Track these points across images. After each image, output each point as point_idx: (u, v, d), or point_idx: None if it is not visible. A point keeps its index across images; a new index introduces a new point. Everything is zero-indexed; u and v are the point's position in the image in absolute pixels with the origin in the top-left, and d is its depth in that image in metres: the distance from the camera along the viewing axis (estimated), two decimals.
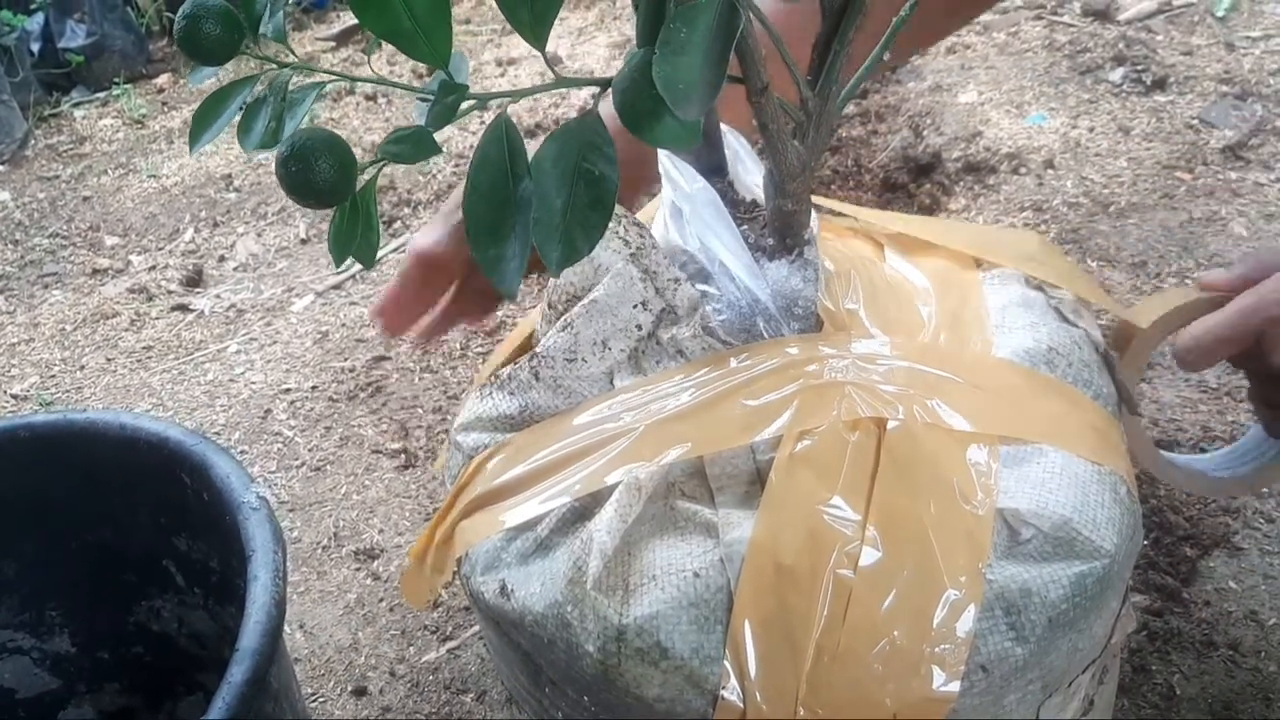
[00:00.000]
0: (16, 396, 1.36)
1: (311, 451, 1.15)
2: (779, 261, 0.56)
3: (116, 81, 2.37)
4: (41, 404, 1.33)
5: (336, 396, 1.23)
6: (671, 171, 0.58)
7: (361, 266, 0.45)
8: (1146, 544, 0.85)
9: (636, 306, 0.55)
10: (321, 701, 0.87)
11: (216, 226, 1.70)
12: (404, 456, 1.11)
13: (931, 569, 0.47)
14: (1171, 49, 1.53)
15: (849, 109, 1.54)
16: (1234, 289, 0.56)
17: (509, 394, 0.58)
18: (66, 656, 0.71)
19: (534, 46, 0.39)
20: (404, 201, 1.62)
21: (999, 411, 0.53)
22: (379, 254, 1.51)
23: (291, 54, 0.44)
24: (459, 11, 2.38)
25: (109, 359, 1.40)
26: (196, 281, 1.55)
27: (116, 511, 0.66)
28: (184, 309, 1.48)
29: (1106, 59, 1.54)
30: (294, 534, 1.04)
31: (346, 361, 1.29)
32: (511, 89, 0.48)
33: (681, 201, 0.57)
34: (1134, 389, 0.58)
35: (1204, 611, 0.80)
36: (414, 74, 2.03)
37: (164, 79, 2.43)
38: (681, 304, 0.56)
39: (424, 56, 0.39)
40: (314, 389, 1.25)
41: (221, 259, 1.60)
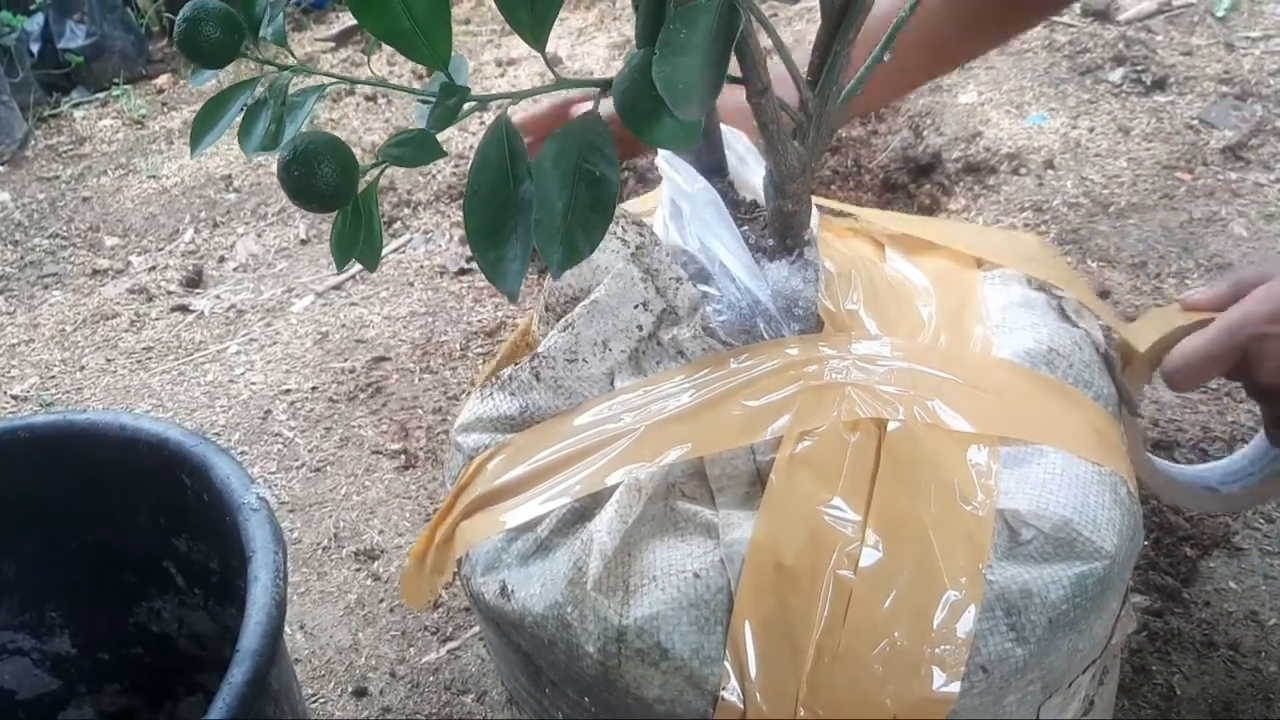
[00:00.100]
0: (16, 397, 1.36)
1: (311, 452, 1.15)
2: (779, 262, 0.56)
3: (116, 82, 2.37)
4: (41, 405, 1.33)
5: (336, 397, 1.23)
6: (672, 171, 0.58)
7: (362, 268, 0.45)
8: (1147, 544, 0.85)
9: (637, 307, 0.55)
10: (322, 702, 0.87)
11: (216, 227, 1.70)
12: (404, 457, 1.11)
13: (932, 570, 0.47)
14: (1171, 49, 1.53)
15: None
16: (1218, 307, 0.56)
17: (510, 394, 0.58)
18: (67, 657, 0.71)
19: (534, 47, 0.39)
20: (404, 202, 1.62)
21: (999, 412, 0.53)
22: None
23: (291, 56, 0.44)
24: (458, 12, 2.38)
25: (109, 360, 1.40)
26: (196, 282, 1.55)
27: (117, 512, 0.66)
28: (184, 310, 1.48)
29: (1106, 59, 1.54)
30: (294, 535, 1.04)
31: (346, 362, 1.29)
32: (511, 90, 0.48)
33: (682, 201, 0.57)
34: (1135, 411, 0.58)
35: (1204, 612, 0.80)
36: (414, 74, 2.03)
37: (164, 79, 2.43)
38: (682, 304, 0.56)
39: (423, 58, 0.39)
40: (314, 390, 1.25)
41: (221, 259, 1.60)
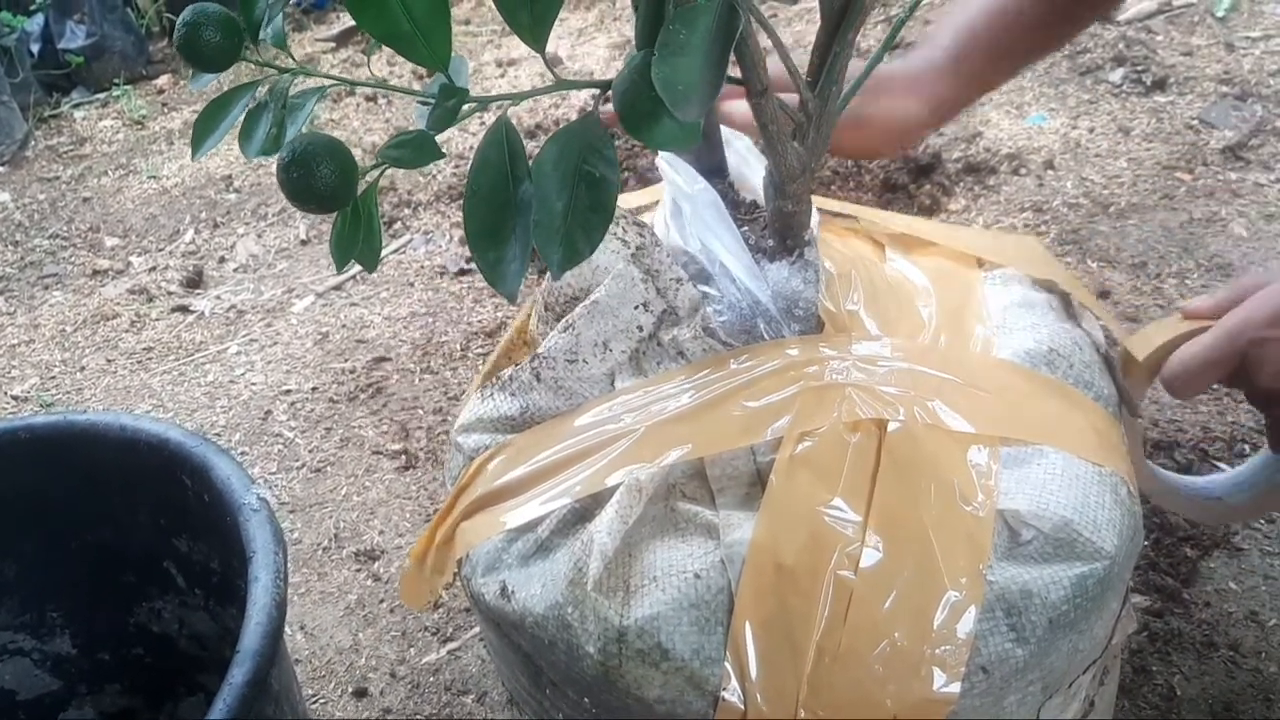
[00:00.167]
0: (17, 398, 1.36)
1: (312, 453, 1.15)
2: (779, 263, 0.56)
3: (116, 82, 2.37)
4: (42, 405, 1.33)
5: (337, 398, 1.23)
6: (672, 172, 0.58)
7: (362, 268, 0.45)
8: (1147, 545, 0.84)
9: (638, 308, 0.55)
10: (322, 703, 0.87)
11: (217, 227, 1.70)
12: (404, 458, 1.11)
13: (932, 570, 0.47)
14: (1171, 49, 1.53)
15: None
16: (1217, 315, 0.56)
17: (510, 395, 0.58)
18: (67, 658, 0.71)
19: (533, 48, 0.39)
20: (404, 202, 1.62)
21: (999, 413, 0.53)
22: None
23: (291, 59, 0.44)
24: (458, 12, 2.38)
25: (109, 360, 1.40)
26: (197, 283, 1.55)
27: (117, 513, 0.66)
28: (184, 310, 1.48)
29: (1106, 59, 1.54)
30: (294, 535, 1.04)
31: (347, 363, 1.29)
32: (511, 91, 0.48)
33: (682, 202, 0.57)
34: (1135, 423, 0.58)
35: (1204, 612, 0.80)
36: (414, 75, 2.03)
37: (164, 80, 2.43)
38: (683, 305, 0.56)
39: (423, 59, 0.39)
40: (314, 390, 1.25)
41: (222, 260, 1.60)
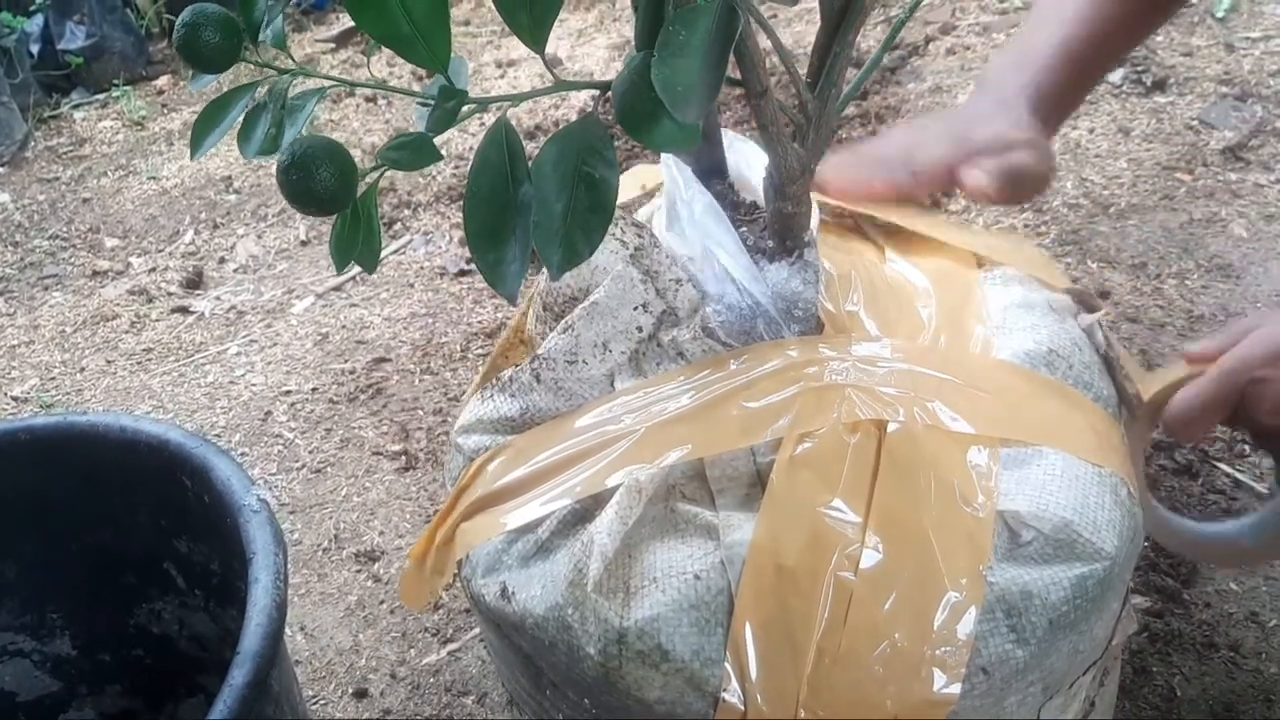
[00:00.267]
0: (17, 399, 1.36)
1: (312, 453, 1.15)
2: (779, 264, 0.56)
3: (116, 83, 2.37)
4: (42, 406, 1.33)
5: (337, 398, 1.23)
6: (672, 173, 0.58)
7: (362, 270, 0.45)
8: (1147, 545, 0.84)
9: (637, 309, 0.55)
10: (322, 704, 0.87)
11: (216, 228, 1.70)
12: (404, 458, 1.11)
13: (932, 571, 0.47)
14: (1171, 50, 1.53)
15: (850, 110, 1.54)
16: (1217, 357, 0.56)
17: (510, 396, 0.58)
18: (67, 659, 0.71)
19: (533, 50, 0.39)
20: (404, 203, 1.62)
21: (999, 413, 0.53)
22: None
23: (290, 59, 0.44)
24: (458, 13, 2.38)
25: (109, 361, 1.40)
26: (196, 283, 1.55)
27: (117, 514, 0.66)
28: (184, 311, 1.48)
29: None
30: (294, 536, 1.04)
31: (347, 363, 1.29)
32: (511, 91, 0.48)
33: (681, 203, 0.57)
34: (1140, 465, 0.57)
35: (1205, 613, 0.80)
36: (414, 76, 2.03)
37: (164, 81, 2.43)
38: (682, 306, 0.56)
39: (423, 61, 0.39)
40: (314, 391, 1.25)
41: (222, 261, 1.60)
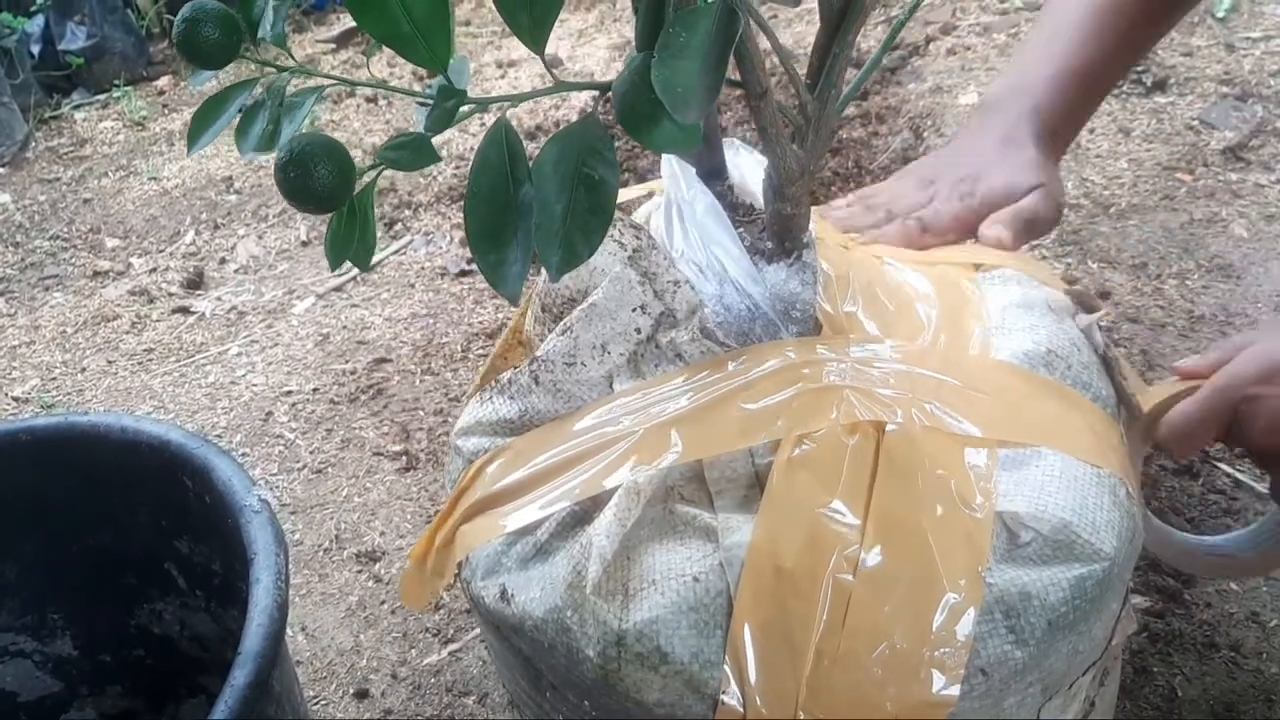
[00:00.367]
0: (18, 399, 1.36)
1: (313, 454, 1.15)
2: (777, 265, 0.56)
3: (117, 84, 2.37)
4: (43, 407, 1.33)
5: (338, 399, 1.23)
6: (672, 174, 0.58)
7: (356, 268, 0.45)
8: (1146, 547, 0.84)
9: (635, 310, 0.55)
10: (323, 704, 0.87)
11: (217, 229, 1.70)
12: (405, 459, 1.11)
13: (931, 572, 0.47)
14: (1171, 50, 1.53)
15: (850, 110, 1.54)
16: (1208, 375, 0.57)
17: (509, 398, 0.58)
18: (68, 659, 0.71)
19: (533, 50, 0.39)
20: (405, 204, 1.62)
21: (998, 414, 0.53)
22: (378, 256, 1.51)
23: (290, 58, 0.44)
24: (458, 13, 2.38)
25: (110, 361, 1.40)
26: (197, 284, 1.55)
27: (118, 514, 0.66)
28: (185, 311, 1.48)
29: None
30: (295, 536, 1.04)
31: (347, 364, 1.29)
32: (511, 92, 0.48)
33: (681, 204, 0.57)
34: (1137, 478, 0.58)
35: (1205, 613, 0.80)
36: (414, 76, 2.03)
37: (164, 81, 2.43)
38: (680, 307, 0.56)
39: (423, 60, 0.39)
40: (315, 391, 1.25)
41: (222, 261, 1.60)
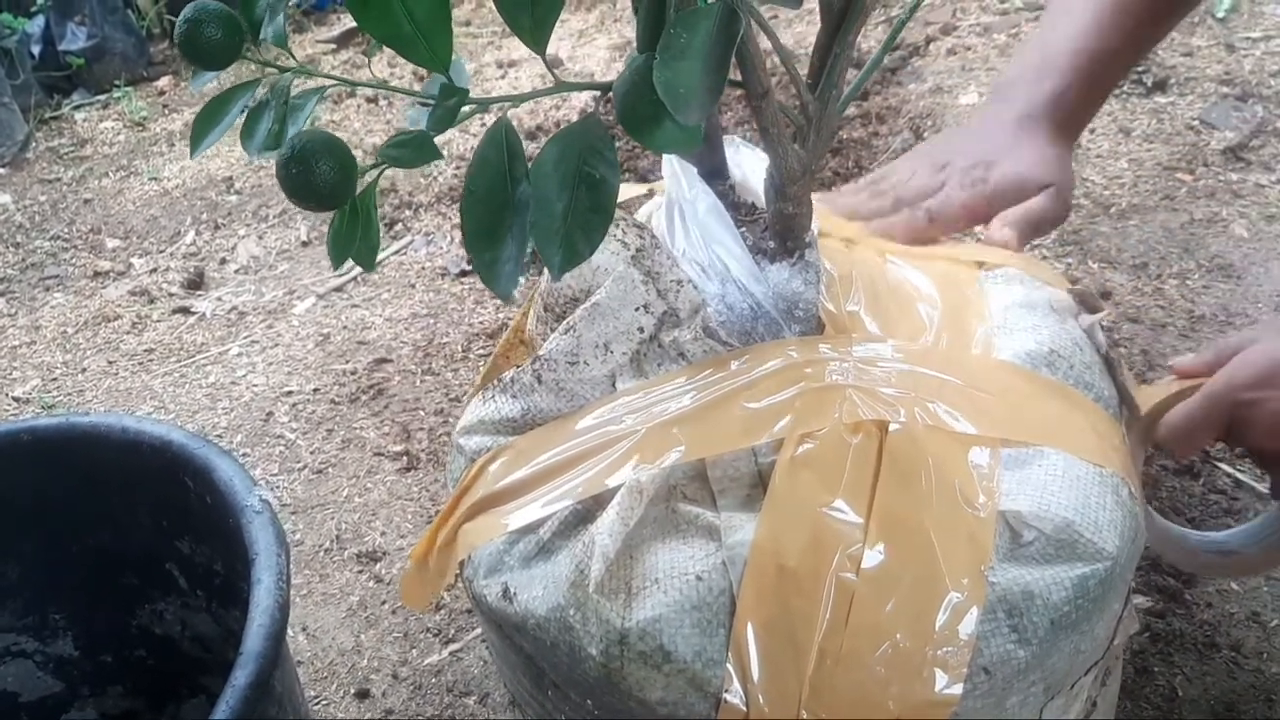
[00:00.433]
0: (18, 399, 1.36)
1: (313, 454, 1.15)
2: (780, 264, 0.56)
3: (117, 84, 2.37)
4: (43, 407, 1.33)
5: (338, 399, 1.23)
6: (673, 173, 0.58)
7: (362, 269, 0.45)
8: (1148, 545, 0.84)
9: (638, 309, 0.55)
10: (324, 704, 0.87)
11: (218, 229, 1.70)
12: (406, 459, 1.11)
13: (934, 571, 0.47)
14: (1172, 50, 1.53)
15: (850, 110, 1.54)
16: (1205, 374, 0.57)
17: (511, 397, 0.58)
18: (69, 660, 0.71)
19: (534, 50, 0.39)
20: (405, 204, 1.62)
21: (1000, 414, 0.53)
22: (380, 256, 1.51)
23: (292, 58, 0.44)
24: (459, 13, 2.38)
25: (110, 362, 1.40)
26: (198, 284, 1.55)
27: (119, 514, 0.66)
28: (185, 311, 1.48)
29: None
30: (296, 537, 1.04)
31: (348, 364, 1.29)
32: (512, 92, 0.48)
33: (683, 204, 0.57)
34: (1138, 477, 0.58)
35: (1206, 613, 0.80)
36: (415, 76, 2.03)
37: (165, 81, 2.43)
38: (683, 306, 0.56)
39: (424, 61, 0.39)
40: (316, 391, 1.25)
41: (223, 261, 1.60)
